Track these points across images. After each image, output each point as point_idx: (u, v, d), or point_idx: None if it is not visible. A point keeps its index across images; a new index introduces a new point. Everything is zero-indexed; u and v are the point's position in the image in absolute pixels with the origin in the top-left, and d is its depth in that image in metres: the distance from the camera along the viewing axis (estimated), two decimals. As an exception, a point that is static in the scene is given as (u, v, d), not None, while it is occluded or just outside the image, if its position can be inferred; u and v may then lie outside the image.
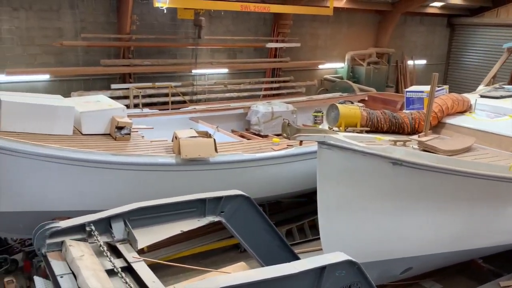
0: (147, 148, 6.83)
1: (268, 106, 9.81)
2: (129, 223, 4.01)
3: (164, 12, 11.06)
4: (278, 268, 3.26)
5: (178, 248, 7.51)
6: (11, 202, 6.15)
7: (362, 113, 8.16)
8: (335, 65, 16.49)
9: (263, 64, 14.17)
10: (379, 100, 11.57)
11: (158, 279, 3.37)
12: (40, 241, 3.63)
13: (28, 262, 6.84)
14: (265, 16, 14.04)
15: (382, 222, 5.22)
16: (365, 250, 5.23)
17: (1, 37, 9.84)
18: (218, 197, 4.58)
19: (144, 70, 11.55)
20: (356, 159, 4.65)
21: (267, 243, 4.94)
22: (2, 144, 5.60)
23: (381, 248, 5.43)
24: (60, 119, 6.42)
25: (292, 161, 7.45)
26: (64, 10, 10.48)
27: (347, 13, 15.99)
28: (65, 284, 3.25)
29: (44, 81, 10.54)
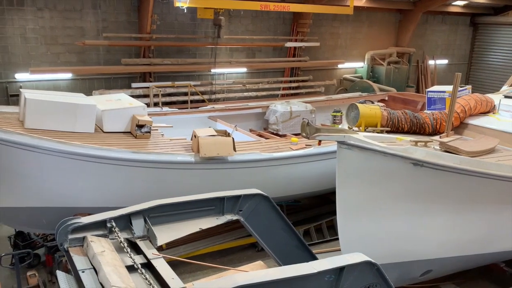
0: (167, 146, 6.89)
1: (287, 106, 9.78)
2: (149, 220, 4.06)
3: (184, 12, 11.16)
4: (296, 267, 3.26)
5: (196, 245, 7.56)
6: (34, 197, 6.28)
7: (383, 113, 8.07)
8: (355, 65, 16.35)
9: (281, 64, 14.15)
10: (399, 100, 11.42)
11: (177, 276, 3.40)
12: (62, 236, 3.71)
13: (50, 256, 6.96)
14: (285, 15, 14.02)
15: (402, 223, 5.15)
16: (384, 251, 5.17)
17: (26, 36, 10.07)
18: (237, 195, 4.61)
19: (164, 69, 11.66)
20: (376, 159, 4.60)
21: (285, 243, 4.95)
22: (27, 141, 5.72)
23: (401, 249, 5.36)
24: (82, 117, 6.51)
25: (311, 161, 7.40)
26: (86, 10, 10.66)
27: (367, 12, 15.84)
28: (87, 279, 3.32)
29: (67, 80, 10.74)
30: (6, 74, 10.02)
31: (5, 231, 8.07)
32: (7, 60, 9.96)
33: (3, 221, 6.82)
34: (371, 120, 7.96)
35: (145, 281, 3.27)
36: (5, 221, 6.78)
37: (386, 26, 16.92)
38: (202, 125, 9.05)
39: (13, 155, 5.79)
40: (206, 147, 6.56)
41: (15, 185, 6.16)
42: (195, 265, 6.03)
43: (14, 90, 10.11)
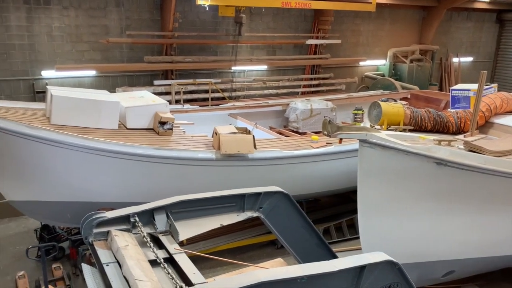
0: (188, 143, 6.96)
1: (307, 103, 9.75)
2: (171, 216, 4.12)
3: (206, 10, 11.22)
4: (317, 265, 3.26)
5: (216, 241, 7.63)
6: (59, 192, 6.45)
7: (406, 112, 7.97)
8: (377, 62, 16.16)
9: (302, 61, 14.09)
10: (422, 98, 11.26)
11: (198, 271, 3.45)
12: (87, 230, 3.79)
13: (74, 250, 7.13)
14: (306, 13, 13.94)
15: (424, 223, 5.10)
16: (406, 251, 5.13)
17: (52, 34, 10.29)
18: (257, 193, 4.63)
19: (185, 67, 11.76)
20: (399, 158, 4.55)
21: (305, 241, 4.94)
22: (53, 137, 5.87)
23: (423, 249, 5.31)
24: (106, 113, 6.64)
25: (331, 159, 7.38)
26: (110, 8, 10.83)
27: (390, 9, 15.62)
28: (111, 272, 3.38)
29: (91, 77, 10.94)
30: (33, 71, 10.27)
31: (32, 224, 8.30)
32: (33, 57, 10.20)
33: (30, 215, 7.02)
34: (393, 119, 7.87)
35: (167, 275, 3.31)
36: (32, 215, 6.99)
37: (409, 23, 16.66)
38: (222, 122, 9.10)
39: (40, 150, 5.95)
40: (227, 144, 6.61)
41: (41, 179, 6.33)
42: (215, 261, 6.07)
43: (40, 87, 10.35)
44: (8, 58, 9.92)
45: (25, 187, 6.40)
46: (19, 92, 10.22)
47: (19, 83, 10.19)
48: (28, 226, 8.50)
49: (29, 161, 6.13)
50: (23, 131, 5.79)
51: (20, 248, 7.73)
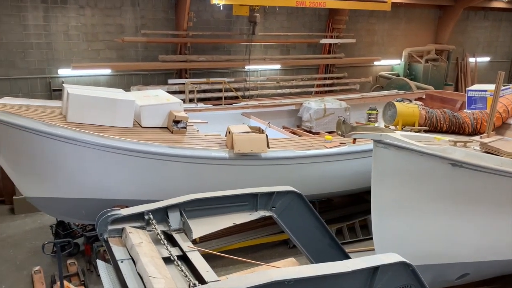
0: (202, 141, 7.00)
1: (321, 103, 9.72)
2: (185, 214, 4.14)
3: (220, 9, 11.26)
4: (330, 265, 3.25)
5: (228, 240, 7.65)
6: (75, 189, 6.53)
7: (421, 112, 7.89)
8: (391, 62, 16.04)
9: (316, 60, 14.05)
10: (437, 98, 11.14)
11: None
12: (102, 226, 3.84)
13: (89, 246, 7.22)
14: (320, 12, 13.90)
15: (438, 225, 5.05)
16: (420, 253, 5.08)
17: (69, 33, 10.44)
18: (270, 192, 4.63)
19: (199, 66, 11.83)
20: (414, 159, 4.52)
21: (318, 241, 4.93)
22: (69, 135, 5.96)
23: (437, 251, 5.25)
24: (121, 112, 6.71)
25: (345, 159, 7.34)
26: (126, 7, 10.94)
27: (405, 8, 15.48)
28: (125, 269, 3.42)
29: (106, 75, 11.08)
30: (50, 70, 10.43)
31: (48, 220, 8.44)
32: (50, 56, 10.36)
33: (46, 211, 7.13)
34: (408, 119, 7.81)
35: (181, 273, 3.34)
36: (47, 211, 7.09)
37: (424, 22, 16.49)
38: (235, 121, 9.13)
39: (56, 147, 6.04)
40: (240, 143, 6.62)
41: (57, 176, 6.43)
42: (227, 259, 6.10)
43: (56, 85, 10.51)
44: (26, 57, 10.10)
45: (42, 183, 6.50)
46: (36, 90, 10.39)
47: (36, 81, 10.36)
48: (43, 222, 8.63)
49: (46, 158, 6.23)
50: (40, 129, 5.88)
51: (36, 244, 7.86)
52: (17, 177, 6.61)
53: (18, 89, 10.17)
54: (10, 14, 9.70)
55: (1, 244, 7.88)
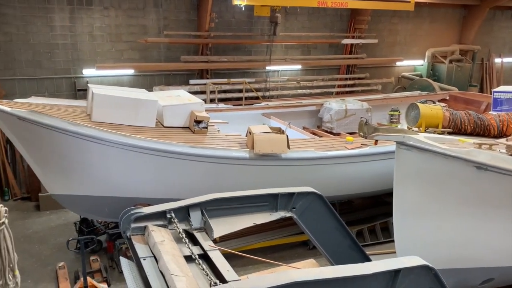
0: (223, 141, 7.05)
1: (342, 104, 9.66)
2: (206, 213, 4.18)
3: (241, 10, 11.30)
4: (351, 267, 3.24)
5: (248, 240, 7.68)
6: (98, 187, 6.67)
7: (445, 114, 7.76)
8: (414, 62, 15.80)
9: (337, 61, 13.95)
10: (461, 100, 10.94)
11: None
12: (125, 224, 3.90)
13: (111, 243, 7.35)
14: (342, 12, 13.80)
15: (462, 228, 4.96)
16: (442, 256, 5.00)
17: (93, 34, 10.65)
18: (290, 193, 4.63)
19: (220, 66, 11.90)
20: (437, 161, 4.45)
21: (338, 242, 4.90)
22: (93, 134, 6.09)
23: (460, 255, 5.16)
24: (144, 111, 6.82)
25: (366, 161, 7.29)
26: (149, 8, 11.09)
27: (429, 7, 15.23)
28: (148, 267, 3.47)
29: (129, 76, 11.24)
30: (75, 70, 10.65)
31: (71, 217, 8.63)
32: (75, 56, 10.58)
33: (70, 208, 7.30)
34: (432, 121, 7.68)
35: (202, 271, 3.37)
36: (72, 208, 7.26)
37: (449, 22, 16.19)
38: (255, 121, 9.15)
39: (81, 146, 6.18)
40: (260, 143, 6.64)
41: (81, 174, 6.58)
42: (247, 259, 6.11)
43: (81, 85, 10.73)
44: (52, 57, 10.34)
45: (67, 181, 6.66)
46: (61, 90, 10.63)
47: (61, 81, 10.60)
48: (68, 219, 8.83)
49: (71, 157, 6.38)
50: (66, 128, 6.03)
51: (60, 240, 8.05)
52: (43, 175, 6.79)
53: (44, 88, 10.43)
54: (37, 16, 9.96)
55: (28, 239, 8.10)
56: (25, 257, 7.34)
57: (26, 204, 9.62)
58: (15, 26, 9.83)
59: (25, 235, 8.25)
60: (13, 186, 9.76)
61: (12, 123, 6.12)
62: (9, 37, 9.83)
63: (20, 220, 8.75)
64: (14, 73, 10.06)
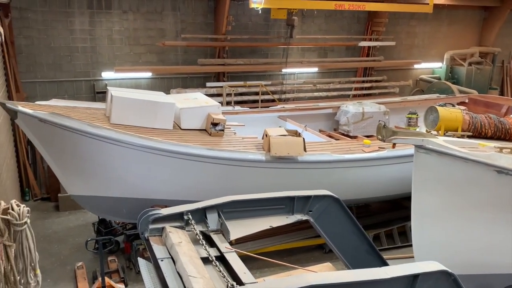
0: (239, 144, 7.07)
1: (359, 106, 9.59)
2: (222, 215, 4.20)
3: (258, 13, 11.33)
4: (369, 271, 3.21)
5: (264, 243, 7.68)
6: (116, 188, 6.76)
7: (464, 117, 7.64)
8: (432, 65, 15.61)
9: (354, 63, 13.88)
10: (481, 103, 10.76)
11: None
12: (144, 225, 3.95)
13: (129, 244, 7.43)
14: (359, 15, 13.73)
15: (482, 233, 4.87)
16: (461, 262, 4.92)
17: (112, 37, 10.81)
18: (307, 196, 4.61)
19: (237, 69, 11.95)
20: (457, 165, 4.39)
21: (355, 246, 4.87)
22: (113, 136, 6.17)
23: (480, 261, 5.07)
24: (162, 114, 6.89)
25: (384, 164, 7.22)
26: (166, 12, 11.21)
27: (448, 9, 15.04)
28: (165, 268, 3.50)
29: (147, 78, 11.38)
30: (94, 73, 10.83)
31: (90, 218, 8.75)
32: (95, 59, 10.76)
33: (89, 209, 7.40)
34: (451, 124, 7.58)
35: (219, 273, 3.39)
36: (91, 209, 7.36)
37: (468, 24, 15.95)
38: (272, 124, 9.16)
39: (100, 148, 6.27)
40: (277, 146, 6.64)
41: (100, 175, 6.67)
42: (263, 261, 6.10)
43: (100, 88, 10.90)
44: (72, 60, 10.53)
45: (86, 182, 6.76)
46: (81, 92, 10.81)
47: (81, 83, 10.78)
48: (86, 220, 8.96)
49: (90, 158, 6.48)
50: (85, 129, 6.13)
51: (79, 240, 8.17)
52: (62, 176, 6.90)
53: (64, 91, 10.62)
54: (58, 20, 10.16)
55: (47, 239, 8.25)
56: (45, 256, 7.47)
57: (45, 204, 9.80)
58: (36, 30, 10.04)
59: (45, 235, 8.40)
60: (34, 187, 9.95)
61: (33, 125, 6.25)
62: (30, 40, 10.05)
63: (40, 220, 8.92)
64: (36, 75, 10.28)
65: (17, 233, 3.09)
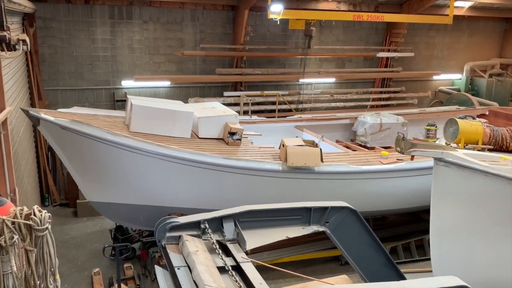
0: (256, 153, 7.08)
1: (377, 117, 9.53)
2: (239, 224, 4.20)
3: (276, 23, 11.41)
4: (386, 285, 3.18)
5: (280, 253, 7.64)
6: (134, 195, 6.82)
7: (485, 130, 7.53)
8: (452, 76, 15.44)
9: (372, 74, 13.83)
10: (502, 115, 10.57)
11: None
12: (161, 233, 3.97)
13: (145, 251, 7.47)
14: (378, 25, 13.70)
15: (502, 250, 4.75)
16: (481, 277, 4.81)
17: (133, 47, 11.00)
18: (324, 207, 4.59)
19: (254, 79, 12.02)
20: (477, 179, 4.31)
21: (372, 259, 4.81)
22: (132, 144, 6.25)
23: (500, 277, 4.94)
24: (180, 123, 6.94)
25: (402, 176, 7.13)
26: (186, 22, 11.38)
27: (468, 21, 14.90)
28: (182, 276, 3.52)
29: (166, 87, 11.52)
30: (114, 81, 11.02)
31: (107, 224, 8.85)
32: (115, 68, 10.96)
33: (106, 215, 7.47)
34: (471, 137, 7.47)
35: (235, 283, 3.39)
36: (108, 215, 7.43)
37: (489, 35, 15.77)
38: (288, 134, 9.15)
39: (119, 155, 6.36)
40: (293, 156, 6.63)
41: (119, 183, 6.74)
42: (278, 272, 6.08)
43: (119, 96, 11.08)
44: (93, 69, 10.75)
45: (104, 189, 6.84)
46: (101, 100, 11.00)
47: (101, 91, 10.98)
48: (103, 226, 9.07)
49: (109, 165, 6.56)
50: (105, 137, 6.22)
51: (96, 246, 8.27)
52: (82, 182, 7.00)
53: (84, 99, 10.83)
54: (81, 29, 10.40)
55: (65, 245, 8.36)
56: (63, 262, 7.58)
57: (64, 210, 9.95)
58: (59, 39, 10.30)
59: (63, 240, 8.53)
60: (53, 193, 10.13)
61: (55, 132, 6.37)
62: (54, 49, 10.31)
63: (58, 226, 9.05)
64: (58, 83, 10.51)
65: (38, 238, 3.13)
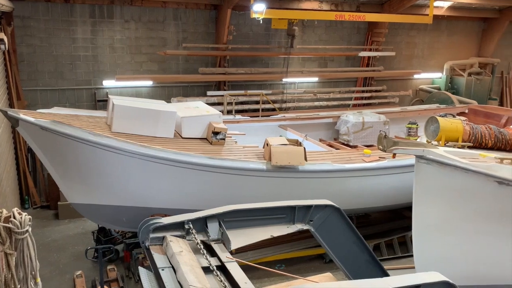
0: (240, 153, 7.08)
1: (359, 116, 9.63)
2: (223, 224, 4.19)
3: (259, 23, 11.42)
4: (370, 282, 3.21)
5: (264, 252, 7.65)
6: (116, 196, 6.74)
7: (465, 128, 7.66)
8: (432, 75, 15.69)
9: (354, 73, 13.95)
10: (481, 113, 10.79)
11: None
12: (144, 234, 3.94)
13: (128, 253, 7.40)
14: (359, 25, 13.83)
15: (483, 245, 4.86)
16: (463, 273, 4.91)
17: (114, 46, 10.87)
18: (308, 205, 4.61)
19: (237, 78, 12.00)
20: (458, 176, 4.39)
21: (355, 256, 4.86)
22: (114, 144, 6.17)
23: (481, 272, 5.05)
24: (163, 123, 6.89)
25: (384, 174, 7.22)
26: (168, 21, 11.29)
27: (447, 20, 15.16)
28: (166, 277, 3.49)
29: (148, 87, 11.41)
30: (95, 81, 10.87)
31: (89, 226, 8.73)
32: (96, 68, 10.80)
33: (89, 217, 7.38)
34: (452, 135, 7.60)
35: (220, 283, 3.38)
36: (90, 217, 7.34)
37: (467, 35, 16.08)
38: (272, 133, 9.18)
39: (101, 156, 6.28)
40: (278, 155, 6.65)
41: (101, 184, 6.66)
42: (263, 271, 6.09)
43: (101, 96, 10.93)
44: (73, 69, 10.58)
45: (86, 190, 6.75)
46: (82, 100, 10.84)
47: (82, 91, 10.81)
48: (86, 228, 8.94)
49: (91, 166, 6.47)
50: (87, 138, 6.13)
51: (78, 249, 8.14)
52: (63, 184, 6.89)
53: (65, 99, 10.65)
54: (60, 28, 10.22)
55: (47, 248, 8.21)
56: (44, 265, 7.42)
57: (45, 212, 9.77)
58: (38, 38, 10.10)
59: (44, 243, 8.37)
60: (33, 195, 9.94)
61: (35, 133, 6.26)
62: (32, 48, 10.11)
63: (39, 228, 8.88)
64: (37, 83, 10.31)
65: (18, 241, 3.08)
